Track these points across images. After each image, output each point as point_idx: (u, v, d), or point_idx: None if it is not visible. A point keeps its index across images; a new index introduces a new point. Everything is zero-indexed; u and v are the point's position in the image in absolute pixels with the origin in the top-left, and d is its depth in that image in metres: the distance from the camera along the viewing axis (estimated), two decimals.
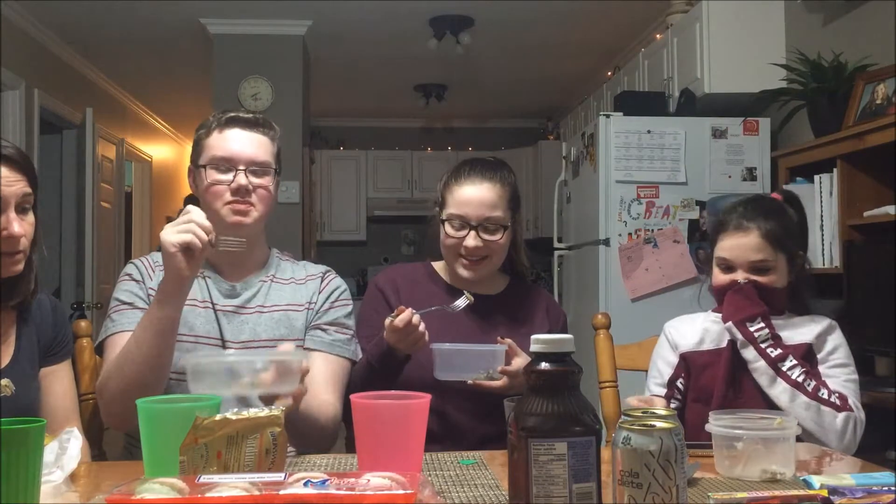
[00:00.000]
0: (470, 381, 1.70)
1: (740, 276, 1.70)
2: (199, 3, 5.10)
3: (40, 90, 5.39)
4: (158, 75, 6.69)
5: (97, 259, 5.85)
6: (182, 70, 6.50)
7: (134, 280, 1.71)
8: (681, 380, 1.75)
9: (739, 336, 1.67)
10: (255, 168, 1.69)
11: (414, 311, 1.63)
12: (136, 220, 7.73)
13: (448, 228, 1.82)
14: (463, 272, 1.84)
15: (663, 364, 1.80)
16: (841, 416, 1.57)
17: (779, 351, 1.63)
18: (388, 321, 1.63)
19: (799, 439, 1.37)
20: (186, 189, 1.87)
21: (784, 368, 1.62)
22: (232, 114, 1.73)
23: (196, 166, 1.73)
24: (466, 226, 1.79)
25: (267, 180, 1.70)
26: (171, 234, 1.44)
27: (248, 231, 1.68)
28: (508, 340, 1.73)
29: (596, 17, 5.23)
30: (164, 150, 8.60)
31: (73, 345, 1.68)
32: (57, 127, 5.91)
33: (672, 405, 1.72)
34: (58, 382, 1.57)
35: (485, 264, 1.83)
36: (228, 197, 1.67)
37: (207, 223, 1.47)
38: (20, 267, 1.44)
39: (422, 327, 1.64)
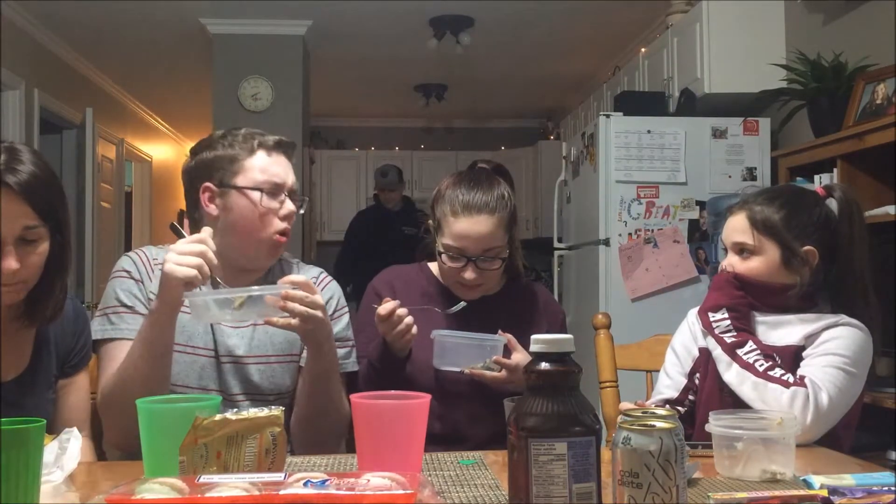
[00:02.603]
0: (467, 371, 1.71)
1: (727, 259, 1.68)
2: (199, 3, 5.10)
3: (40, 90, 5.39)
4: (158, 75, 6.69)
5: (97, 259, 5.85)
6: (182, 70, 6.50)
7: (133, 279, 1.66)
8: (698, 374, 1.67)
9: (701, 325, 1.65)
10: (293, 193, 1.71)
11: (399, 302, 1.66)
12: (136, 220, 7.74)
13: (445, 258, 1.80)
14: (461, 295, 1.84)
15: (684, 352, 1.73)
16: (788, 391, 1.47)
17: (737, 339, 1.57)
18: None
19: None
20: None
21: (740, 353, 1.55)
22: (275, 137, 1.71)
23: (230, 186, 1.65)
24: (464, 258, 1.78)
25: (297, 205, 1.72)
26: (178, 268, 1.42)
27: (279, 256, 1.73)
28: (508, 334, 1.73)
29: (596, 17, 5.23)
30: (164, 150, 8.60)
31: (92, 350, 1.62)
32: (57, 127, 5.91)
33: (690, 397, 1.68)
34: (73, 393, 1.54)
35: (481, 289, 1.84)
36: (279, 224, 1.66)
37: (214, 259, 1.46)
38: (21, 295, 1.37)
39: (408, 320, 1.66)
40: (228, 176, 1.65)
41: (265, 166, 1.66)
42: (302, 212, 1.75)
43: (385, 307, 1.65)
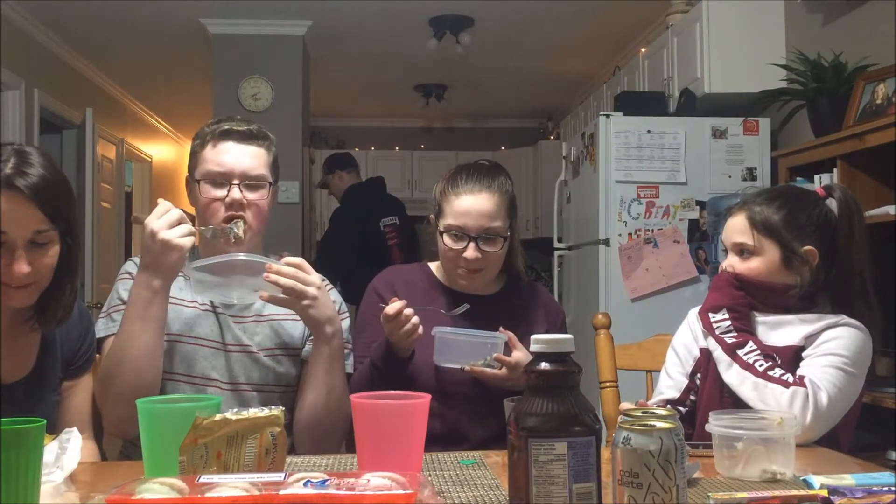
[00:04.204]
0: (467, 368, 1.71)
1: (727, 260, 1.68)
2: (199, 3, 5.10)
3: (40, 90, 5.39)
4: (158, 75, 6.68)
5: (97, 259, 5.84)
6: (182, 70, 6.50)
7: (133, 279, 1.68)
8: (699, 375, 1.67)
9: (701, 326, 1.65)
10: (250, 182, 1.69)
11: (406, 302, 1.66)
12: None
13: (447, 239, 1.80)
14: (461, 282, 1.84)
15: (685, 352, 1.72)
16: (788, 391, 1.46)
17: (737, 339, 1.57)
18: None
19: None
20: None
21: (740, 354, 1.55)
22: (226, 126, 1.71)
23: (192, 179, 1.74)
24: (465, 237, 1.78)
25: (261, 194, 1.70)
26: (179, 238, 1.47)
27: (243, 247, 1.68)
28: (509, 332, 1.73)
29: (596, 17, 5.23)
30: (164, 150, 8.60)
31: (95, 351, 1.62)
32: (57, 127, 5.91)
33: (691, 397, 1.68)
34: (77, 395, 1.55)
35: (482, 274, 1.84)
36: (223, 213, 1.67)
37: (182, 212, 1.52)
38: (33, 299, 1.37)
39: (415, 319, 1.67)
40: (191, 169, 1.74)
41: (211, 156, 1.69)
42: (257, 198, 1.69)
43: (393, 307, 1.65)
